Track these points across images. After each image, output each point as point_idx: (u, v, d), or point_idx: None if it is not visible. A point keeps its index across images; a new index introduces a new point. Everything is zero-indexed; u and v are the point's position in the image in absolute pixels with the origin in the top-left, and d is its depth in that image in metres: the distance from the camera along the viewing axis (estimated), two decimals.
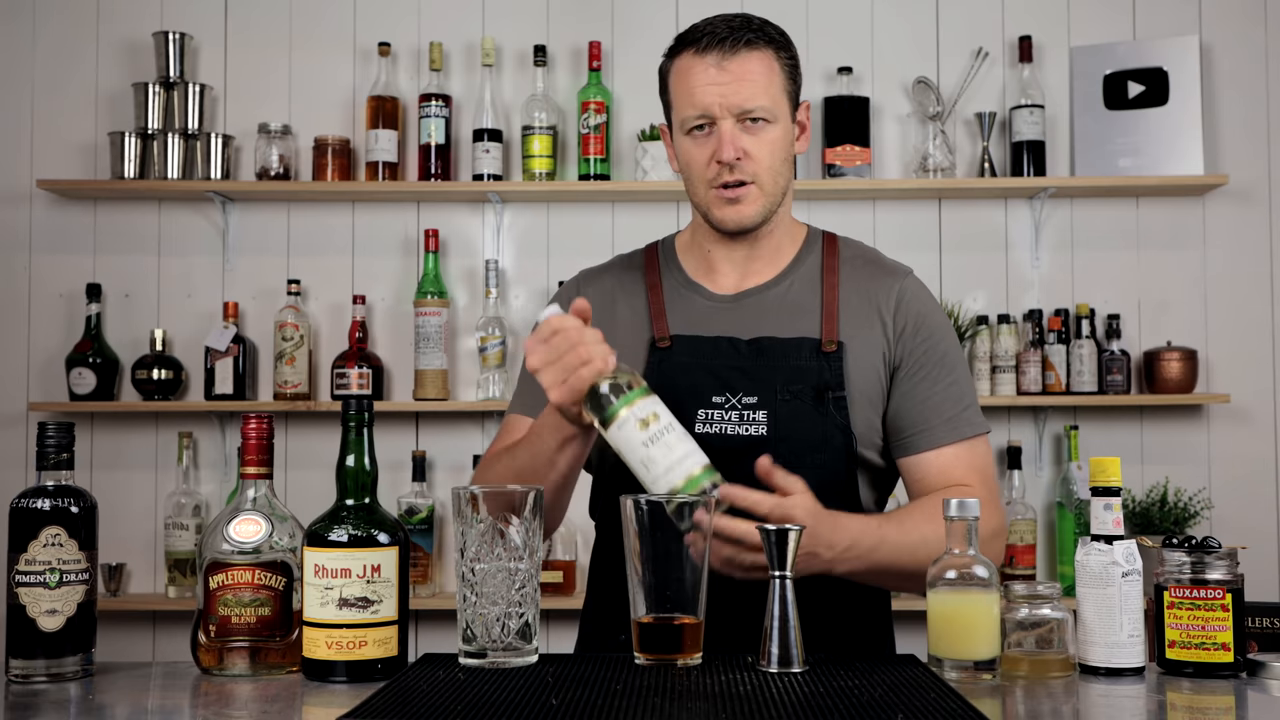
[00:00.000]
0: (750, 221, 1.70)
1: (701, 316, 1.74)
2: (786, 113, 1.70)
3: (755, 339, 1.70)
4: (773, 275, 1.77)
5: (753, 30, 1.68)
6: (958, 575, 1.41)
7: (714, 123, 1.67)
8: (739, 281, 1.77)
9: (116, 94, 3.53)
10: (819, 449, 1.66)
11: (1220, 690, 1.39)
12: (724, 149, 1.66)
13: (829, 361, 1.68)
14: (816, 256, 1.79)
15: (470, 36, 3.56)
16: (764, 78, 1.67)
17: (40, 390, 3.48)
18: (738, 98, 1.66)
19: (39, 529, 1.40)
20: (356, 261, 3.54)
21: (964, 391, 1.74)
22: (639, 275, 1.80)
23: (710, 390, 1.67)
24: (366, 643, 1.38)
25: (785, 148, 1.70)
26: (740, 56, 1.66)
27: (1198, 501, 3.34)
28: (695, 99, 1.67)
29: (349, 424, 1.44)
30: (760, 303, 1.74)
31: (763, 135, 1.67)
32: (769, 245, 1.77)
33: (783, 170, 1.71)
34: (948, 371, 1.73)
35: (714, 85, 1.66)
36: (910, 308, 1.74)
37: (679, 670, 1.37)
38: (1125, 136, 3.45)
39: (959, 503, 1.42)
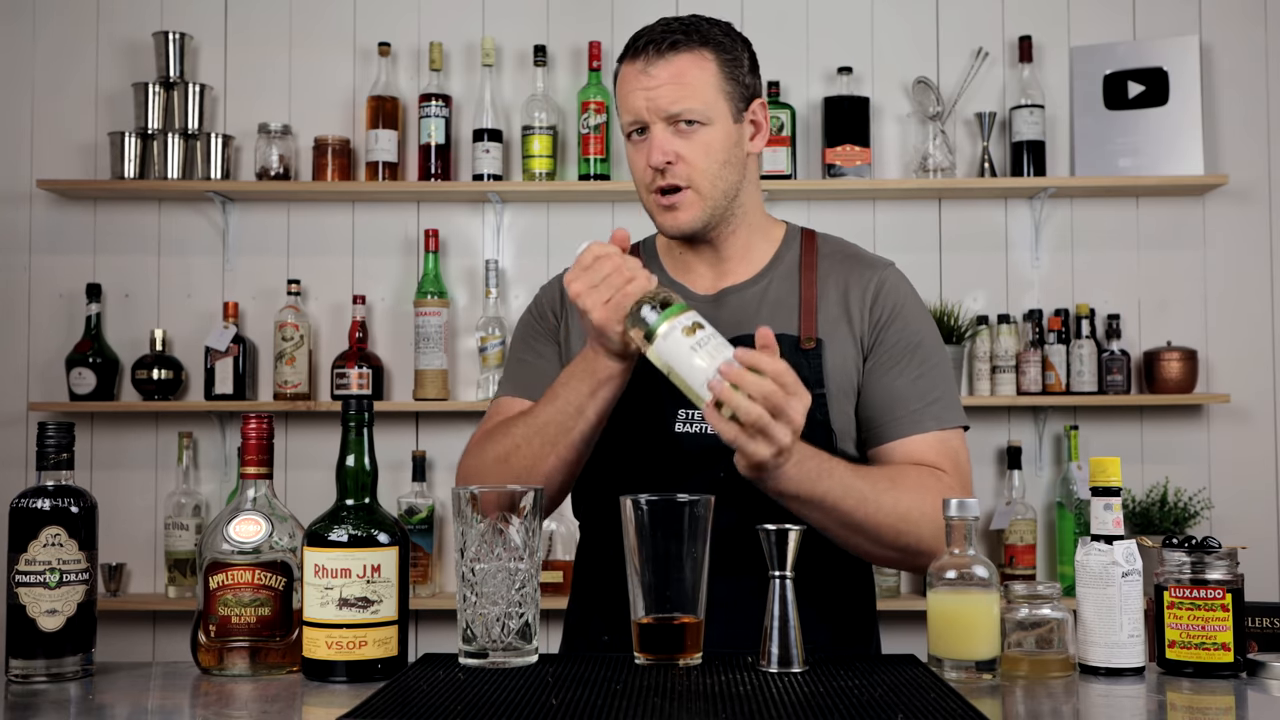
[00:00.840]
0: (689, 227, 1.69)
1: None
2: (725, 113, 1.68)
3: (735, 338, 1.68)
4: (751, 274, 1.76)
5: (685, 32, 1.66)
6: (958, 575, 1.40)
7: (647, 128, 1.66)
8: (715, 280, 1.76)
9: (116, 94, 3.53)
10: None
11: (1220, 690, 1.39)
12: (653, 153, 1.65)
13: (808, 359, 1.67)
14: (795, 254, 1.77)
15: (470, 36, 3.56)
16: (694, 79, 1.65)
17: (40, 390, 3.48)
18: (664, 100, 1.64)
19: (39, 529, 1.40)
20: (356, 261, 3.54)
21: (935, 384, 1.70)
22: None
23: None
24: (366, 643, 1.38)
25: (725, 149, 1.67)
26: (666, 60, 1.65)
27: (1198, 501, 3.34)
28: (627, 104, 1.68)
29: (349, 424, 1.44)
30: (739, 301, 1.74)
31: (696, 138, 1.65)
32: (736, 245, 1.75)
33: (723, 174, 1.68)
34: (919, 363, 1.70)
35: (642, 90, 1.66)
36: (887, 299, 1.73)
37: (679, 670, 1.37)
38: (1125, 136, 3.45)
39: (959, 503, 1.42)
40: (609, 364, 1.57)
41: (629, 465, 1.68)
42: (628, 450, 1.68)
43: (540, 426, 1.62)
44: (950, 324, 3.38)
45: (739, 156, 1.71)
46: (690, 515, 1.39)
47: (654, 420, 1.67)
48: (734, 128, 1.69)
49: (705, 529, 1.40)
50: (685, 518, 1.39)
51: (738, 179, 1.71)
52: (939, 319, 3.39)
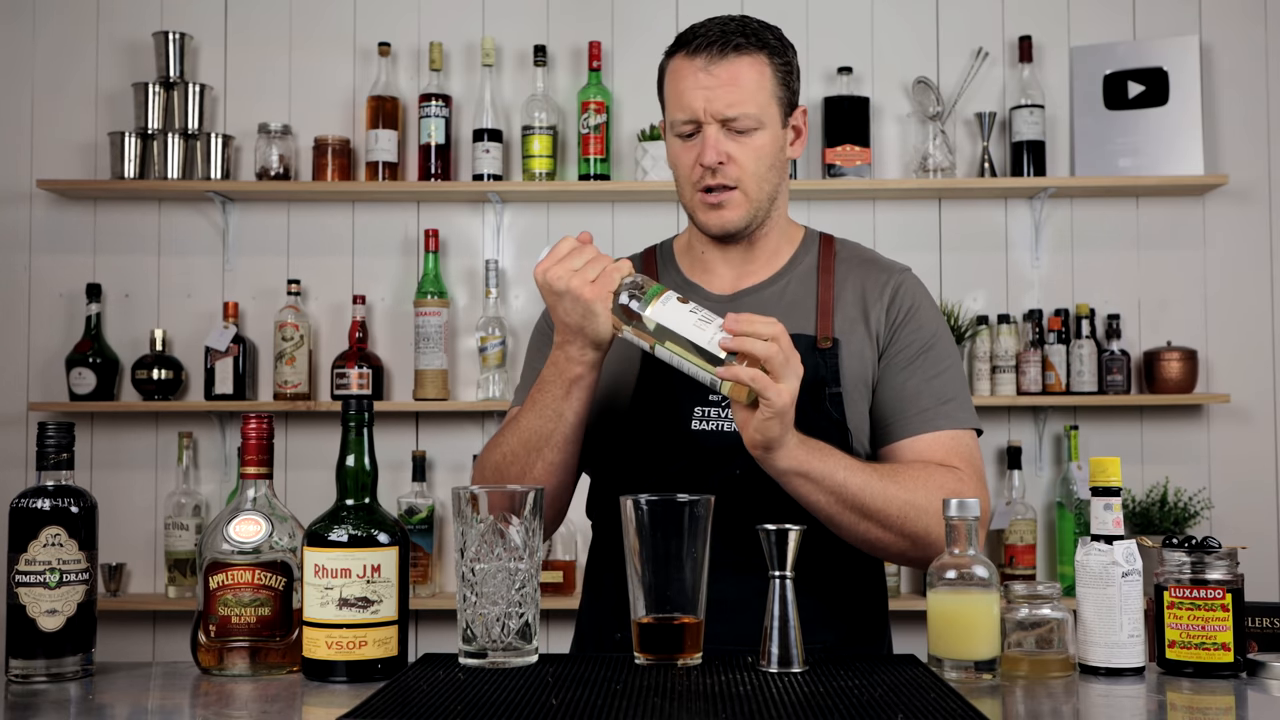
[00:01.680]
0: (733, 227, 1.70)
1: None
2: (776, 118, 1.70)
3: None
4: (769, 275, 1.77)
5: (745, 35, 1.68)
6: (958, 575, 1.40)
7: (700, 126, 1.67)
8: (735, 282, 1.77)
9: (116, 94, 3.53)
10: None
11: (1220, 690, 1.39)
12: (706, 152, 1.66)
13: (824, 358, 1.68)
14: (813, 256, 1.79)
15: (470, 36, 3.56)
16: (752, 83, 1.66)
17: (40, 390, 3.48)
18: (722, 103, 1.65)
19: (39, 529, 1.40)
20: (356, 261, 3.54)
21: (949, 385, 1.72)
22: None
23: (705, 388, 1.66)
24: (366, 643, 1.38)
25: (773, 154, 1.69)
26: (728, 61, 1.66)
27: (1198, 501, 3.34)
28: (683, 102, 1.68)
29: (349, 424, 1.44)
30: (756, 301, 1.74)
31: (748, 142, 1.67)
32: (764, 248, 1.77)
33: (769, 176, 1.70)
34: (934, 363, 1.72)
35: (700, 89, 1.66)
36: (902, 301, 1.75)
37: (679, 670, 1.37)
38: (1125, 136, 3.45)
39: (959, 503, 1.42)
40: (577, 362, 1.58)
41: (646, 464, 1.68)
42: (645, 450, 1.69)
43: (525, 436, 1.64)
44: (950, 324, 3.38)
45: (782, 161, 1.73)
46: (690, 515, 1.39)
47: (670, 419, 1.68)
48: (781, 133, 1.71)
49: (705, 529, 1.40)
50: (685, 518, 1.39)
51: (779, 182, 1.74)
52: None
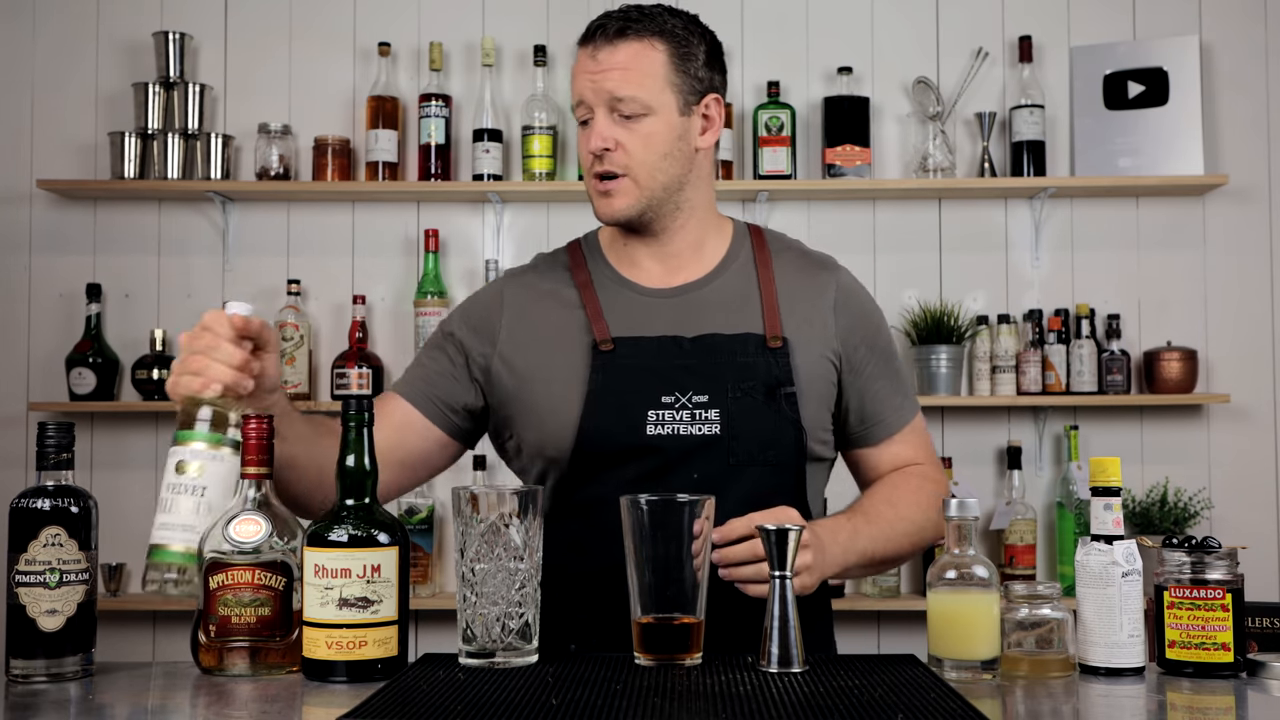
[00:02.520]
0: (621, 215, 1.68)
1: (638, 313, 1.71)
2: (671, 105, 1.66)
3: (699, 336, 1.68)
4: (705, 271, 1.75)
5: (634, 20, 1.66)
6: (958, 575, 1.40)
7: (593, 116, 1.66)
8: (666, 276, 1.74)
9: (116, 94, 3.53)
10: (771, 445, 1.65)
11: (1220, 690, 1.39)
12: (591, 139, 1.65)
13: (776, 358, 1.67)
14: (748, 251, 1.77)
15: (470, 36, 3.56)
16: (639, 69, 1.65)
17: (40, 390, 3.48)
18: (607, 85, 1.64)
19: (39, 529, 1.40)
20: (356, 261, 3.54)
21: (904, 376, 1.81)
22: (566, 275, 1.76)
23: (659, 391, 1.65)
24: (366, 643, 1.38)
25: (667, 141, 1.66)
26: (613, 47, 1.65)
27: (1198, 501, 3.34)
28: (575, 88, 1.68)
29: (349, 424, 1.44)
30: (699, 299, 1.72)
31: (637, 128, 1.65)
32: (685, 239, 1.74)
33: (662, 165, 1.66)
34: (889, 361, 1.78)
35: (587, 75, 1.66)
36: (852, 303, 1.77)
37: (679, 670, 1.37)
38: (1125, 136, 3.45)
39: (959, 503, 1.42)
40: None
41: (604, 472, 1.65)
42: (602, 457, 1.65)
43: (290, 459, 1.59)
44: (950, 324, 3.39)
45: (684, 150, 1.69)
46: (690, 515, 1.39)
47: (625, 425, 1.65)
48: (680, 120, 1.68)
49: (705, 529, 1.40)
50: (685, 517, 1.39)
51: (680, 172, 1.69)
52: (939, 319, 3.39)
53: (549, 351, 1.69)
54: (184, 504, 1.42)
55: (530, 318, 1.73)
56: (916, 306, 3.46)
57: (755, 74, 3.53)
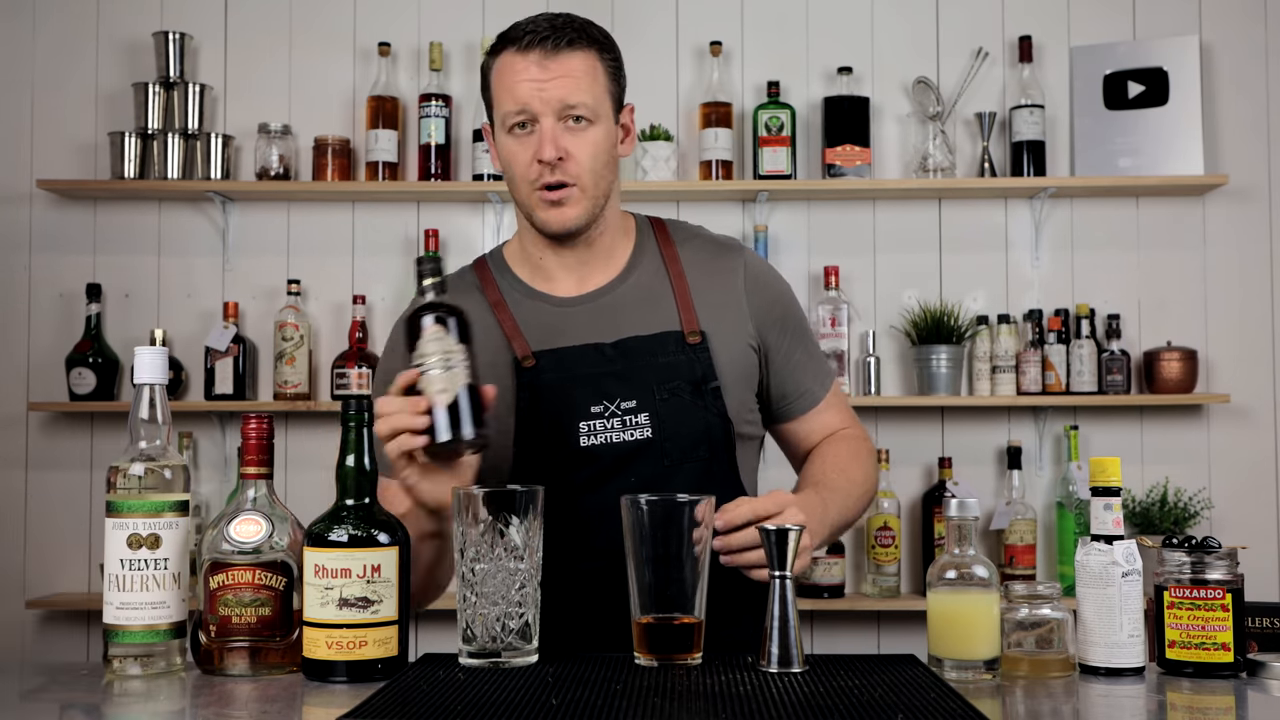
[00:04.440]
0: (574, 224, 1.67)
1: (554, 325, 1.70)
2: (609, 114, 1.68)
3: (619, 341, 1.68)
4: (615, 273, 1.75)
5: (575, 30, 1.67)
6: (958, 575, 1.41)
7: (535, 121, 1.64)
8: (579, 284, 1.74)
9: (116, 94, 3.53)
10: (701, 442, 1.67)
11: (1220, 690, 1.39)
12: (545, 148, 1.63)
13: (696, 353, 1.68)
14: (653, 247, 1.78)
15: (470, 36, 3.56)
16: (586, 77, 1.65)
17: (40, 390, 3.48)
18: (559, 93, 1.63)
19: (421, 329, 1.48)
20: (356, 261, 3.54)
21: (816, 347, 1.85)
22: (477, 293, 1.75)
23: (587, 401, 1.65)
24: (366, 643, 1.38)
25: (608, 149, 1.68)
26: (562, 55, 1.64)
27: (1198, 501, 3.34)
28: (516, 94, 1.64)
29: (349, 424, 1.44)
30: (612, 302, 1.72)
31: (584, 136, 1.65)
32: (602, 246, 1.74)
33: (604, 173, 1.68)
34: (805, 333, 1.82)
35: (534, 82, 1.64)
36: (761, 283, 1.78)
37: (679, 670, 1.37)
38: (1125, 136, 3.45)
39: (959, 503, 1.43)
40: (426, 523, 1.53)
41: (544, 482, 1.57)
42: (538, 472, 1.64)
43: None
44: (950, 324, 3.39)
45: (615, 158, 1.71)
46: (690, 515, 1.39)
47: (558, 438, 1.65)
48: (614, 129, 1.70)
49: (706, 529, 1.40)
50: (685, 518, 1.39)
51: (612, 180, 1.71)
52: (939, 319, 3.39)
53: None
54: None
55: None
56: (916, 306, 3.46)
57: (755, 74, 3.53)
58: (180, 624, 1.45)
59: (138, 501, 1.43)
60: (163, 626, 1.43)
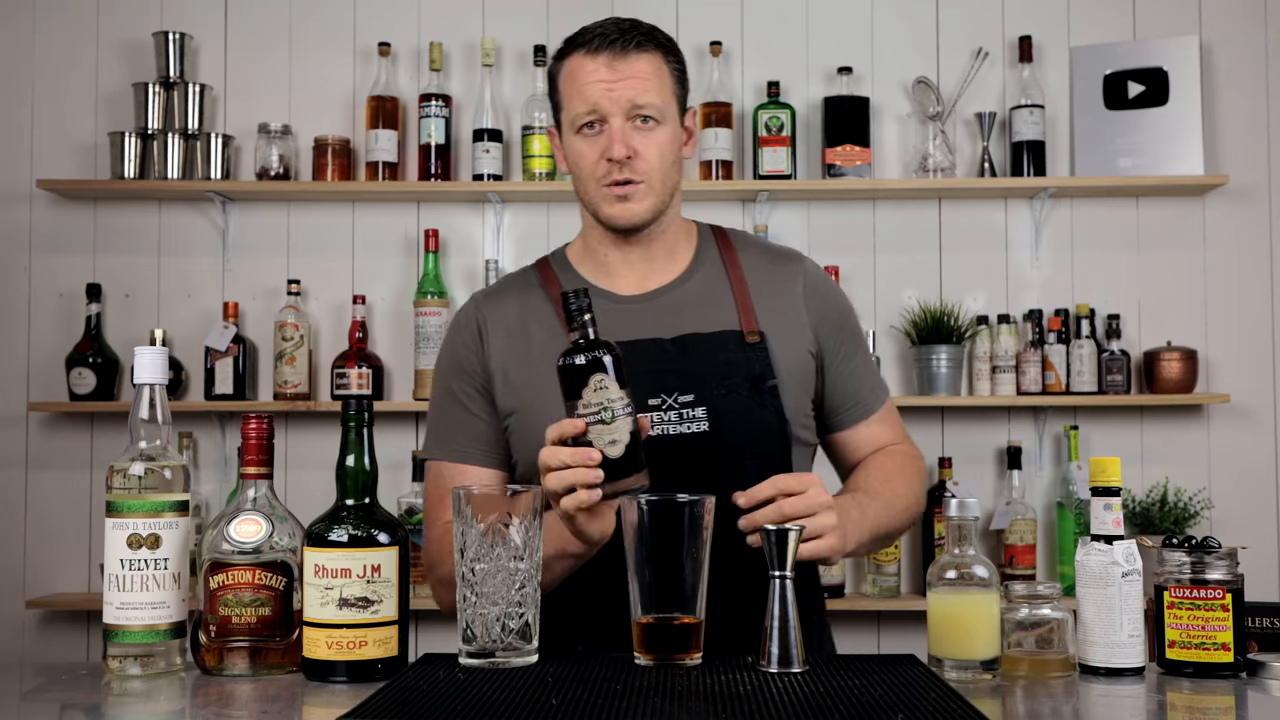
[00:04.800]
0: (639, 219, 1.71)
1: (615, 321, 1.71)
2: (675, 115, 1.73)
3: (679, 337, 1.71)
4: (676, 274, 1.78)
5: (642, 33, 1.71)
6: (958, 575, 1.41)
7: (604, 121, 1.68)
8: (640, 283, 1.77)
9: (116, 94, 3.53)
10: (759, 439, 1.68)
11: (1220, 690, 1.39)
12: (614, 146, 1.67)
13: (755, 352, 1.70)
14: (715, 251, 1.81)
15: (470, 36, 3.56)
16: (654, 78, 1.69)
17: (40, 390, 3.48)
18: (628, 93, 1.67)
19: (586, 378, 1.45)
20: (356, 261, 3.54)
21: (871, 361, 1.87)
22: (541, 293, 1.78)
23: (644, 394, 1.66)
24: (366, 643, 1.38)
25: (673, 150, 1.72)
26: (631, 57, 1.68)
27: (1198, 501, 3.34)
28: (586, 96, 1.69)
29: (349, 424, 1.44)
30: (673, 300, 1.75)
31: (652, 135, 1.69)
32: (663, 245, 1.77)
33: (671, 172, 1.72)
34: (861, 343, 1.84)
35: (604, 83, 1.68)
36: (820, 291, 1.80)
37: (679, 670, 1.37)
38: (1125, 136, 3.45)
39: (959, 503, 1.43)
40: (575, 545, 1.53)
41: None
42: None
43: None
44: (950, 324, 3.39)
45: (679, 159, 1.76)
46: (690, 515, 1.39)
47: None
48: (679, 131, 1.74)
49: (705, 529, 1.40)
50: (685, 518, 1.39)
51: (677, 180, 1.76)
52: (939, 319, 3.39)
53: (533, 369, 1.70)
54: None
55: (511, 338, 1.74)
56: (916, 306, 3.46)
57: (755, 74, 3.53)
58: (180, 624, 1.45)
59: (138, 501, 1.44)
60: (163, 626, 1.43)
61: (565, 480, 1.44)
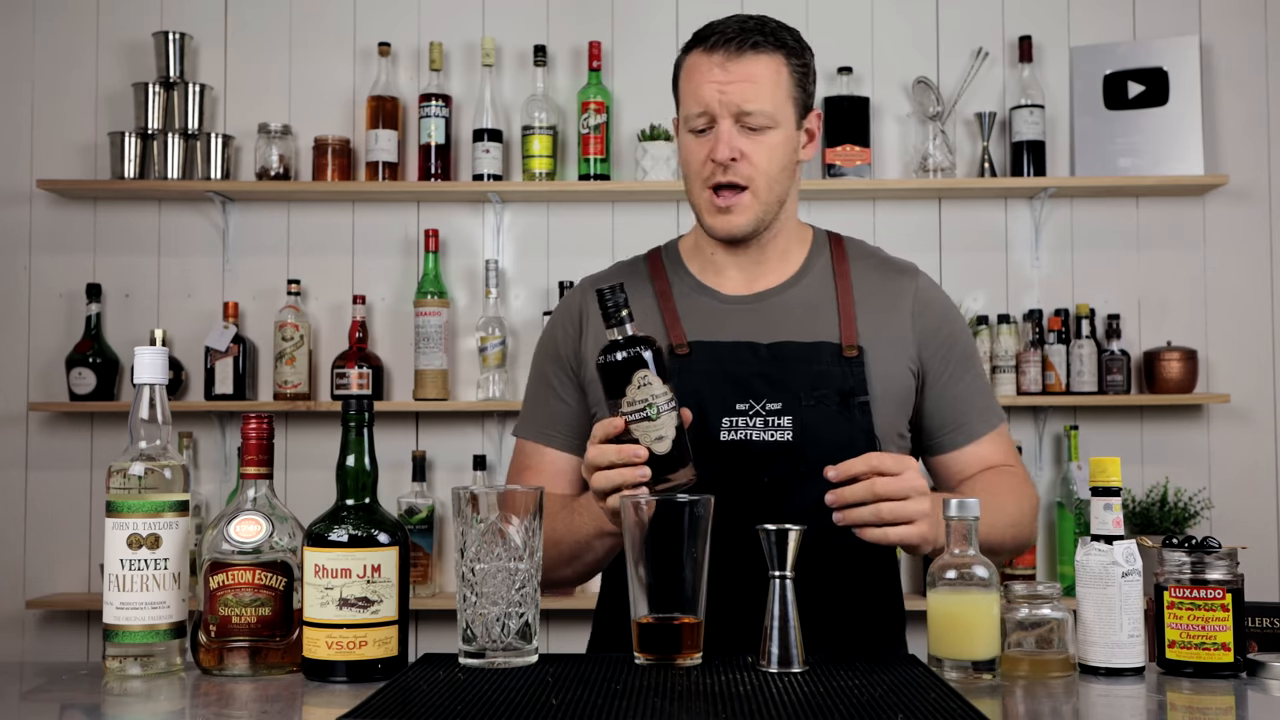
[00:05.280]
0: (739, 231, 1.70)
1: (716, 319, 1.73)
2: (790, 119, 1.70)
3: (775, 344, 1.69)
4: (784, 278, 1.76)
5: (763, 34, 1.68)
6: (958, 575, 1.41)
7: (714, 122, 1.67)
8: (748, 284, 1.76)
9: (116, 94, 3.53)
10: (844, 453, 1.64)
11: (1220, 690, 1.39)
12: (719, 148, 1.65)
13: (851, 366, 1.68)
14: (826, 258, 1.78)
15: (470, 36, 3.56)
16: (769, 82, 1.67)
17: (40, 390, 3.48)
18: (737, 97, 1.65)
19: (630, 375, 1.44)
20: (356, 261, 3.54)
21: (985, 384, 1.80)
22: (646, 282, 1.78)
23: (733, 397, 1.66)
24: (366, 643, 1.38)
25: (786, 154, 1.69)
26: (746, 59, 1.66)
27: (1198, 501, 3.34)
28: (698, 95, 1.67)
29: (349, 424, 1.44)
30: (776, 306, 1.73)
31: (762, 140, 1.67)
32: (775, 249, 1.76)
33: (780, 178, 1.69)
34: (972, 365, 1.78)
35: (715, 84, 1.66)
36: (930, 308, 1.76)
37: (679, 670, 1.37)
38: (1125, 136, 3.45)
39: (959, 503, 1.43)
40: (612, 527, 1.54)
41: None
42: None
43: (555, 541, 1.63)
44: None
45: (794, 163, 1.73)
46: (690, 515, 1.39)
47: (699, 429, 1.63)
48: (795, 134, 1.71)
49: (705, 529, 1.40)
50: (685, 518, 1.39)
51: (789, 185, 1.73)
52: None
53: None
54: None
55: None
56: None
57: None
58: (180, 624, 1.45)
59: (138, 501, 1.44)
60: (163, 626, 1.43)
61: (613, 480, 1.44)
